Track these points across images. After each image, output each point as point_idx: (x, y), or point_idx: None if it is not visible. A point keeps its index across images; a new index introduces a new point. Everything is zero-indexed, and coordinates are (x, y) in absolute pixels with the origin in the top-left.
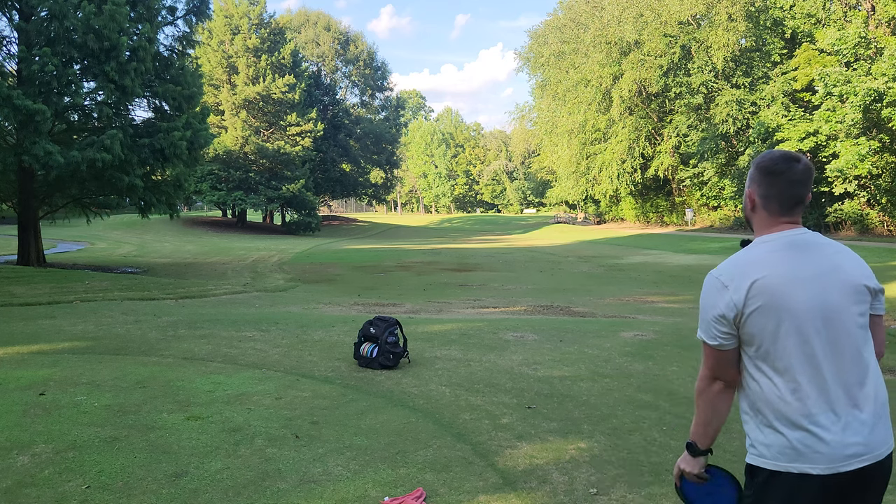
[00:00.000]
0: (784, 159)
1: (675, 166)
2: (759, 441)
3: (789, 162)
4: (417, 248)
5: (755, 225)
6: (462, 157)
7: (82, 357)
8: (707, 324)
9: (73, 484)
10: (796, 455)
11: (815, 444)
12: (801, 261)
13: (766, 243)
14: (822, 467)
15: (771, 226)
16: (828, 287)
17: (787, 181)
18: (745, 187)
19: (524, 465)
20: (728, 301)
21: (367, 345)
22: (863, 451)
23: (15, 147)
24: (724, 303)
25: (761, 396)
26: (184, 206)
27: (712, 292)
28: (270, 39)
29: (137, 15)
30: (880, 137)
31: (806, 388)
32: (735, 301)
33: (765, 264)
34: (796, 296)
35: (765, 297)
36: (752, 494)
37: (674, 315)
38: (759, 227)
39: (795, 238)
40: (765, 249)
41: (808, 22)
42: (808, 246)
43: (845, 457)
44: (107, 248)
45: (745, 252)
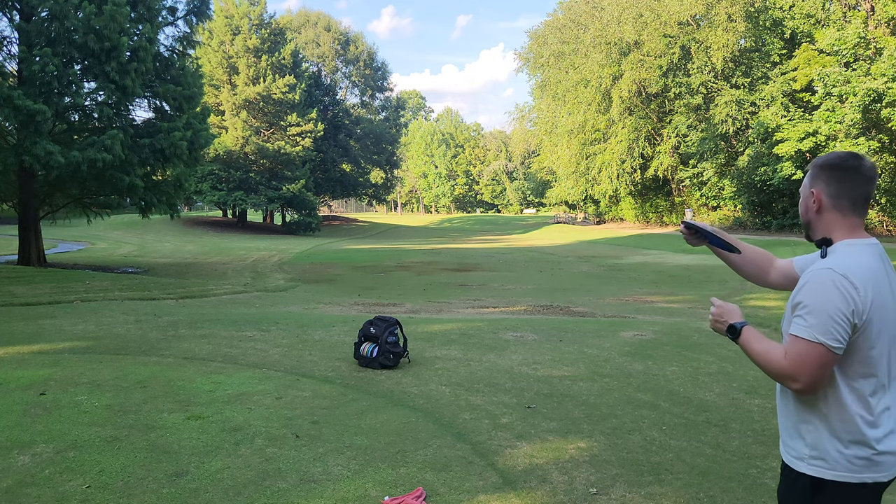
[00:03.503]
0: (852, 156)
1: (675, 166)
2: (834, 452)
3: (858, 159)
4: (417, 248)
5: (825, 226)
6: (462, 157)
7: (83, 357)
8: (833, 323)
9: (73, 483)
10: (871, 465)
11: (884, 455)
12: (887, 275)
13: (864, 250)
14: (886, 474)
15: (850, 228)
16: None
17: (860, 178)
18: (805, 188)
19: (524, 464)
20: (857, 304)
21: (368, 344)
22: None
23: (16, 147)
24: (854, 304)
25: (846, 408)
26: (184, 206)
27: (841, 290)
28: (271, 40)
29: (138, 15)
30: (879, 137)
31: (887, 403)
32: (863, 304)
33: (874, 274)
34: (888, 309)
35: (876, 309)
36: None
37: (673, 315)
38: (834, 230)
39: (879, 249)
40: (868, 258)
41: (807, 22)
42: (886, 259)
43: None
44: (107, 248)
45: (855, 255)
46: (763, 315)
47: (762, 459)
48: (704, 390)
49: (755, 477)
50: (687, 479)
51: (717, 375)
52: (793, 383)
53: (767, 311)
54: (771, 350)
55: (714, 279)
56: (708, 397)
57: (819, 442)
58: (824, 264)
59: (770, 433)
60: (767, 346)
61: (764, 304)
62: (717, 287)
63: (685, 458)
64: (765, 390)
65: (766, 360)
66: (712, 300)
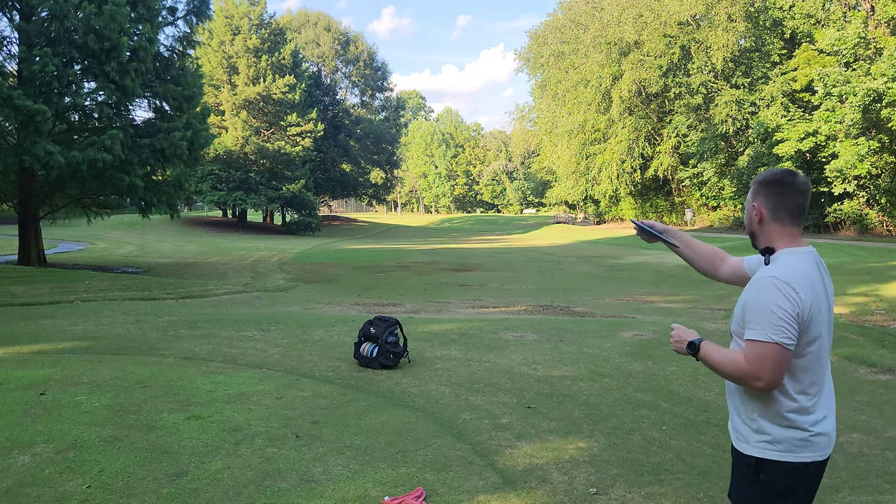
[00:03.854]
0: (787, 173)
1: (675, 166)
2: (776, 435)
3: (792, 175)
4: (417, 248)
5: (767, 237)
6: (462, 157)
7: (83, 357)
8: (783, 324)
9: (73, 483)
10: (808, 446)
11: (819, 436)
12: (822, 279)
13: (802, 258)
14: (821, 454)
15: (790, 237)
16: (830, 306)
17: (794, 192)
18: (749, 202)
19: (524, 464)
20: (800, 307)
21: (368, 344)
22: (835, 436)
23: (16, 147)
24: (798, 307)
25: (788, 398)
26: (184, 206)
27: (786, 295)
28: (271, 40)
29: (138, 15)
30: (879, 137)
31: (820, 388)
32: (803, 307)
33: (812, 279)
34: (824, 311)
35: (814, 309)
36: (769, 484)
37: (673, 315)
38: (775, 239)
39: (815, 256)
40: (805, 264)
41: (807, 22)
42: (822, 265)
43: (831, 443)
44: (107, 248)
45: (794, 263)
46: None
47: None
48: (704, 390)
49: None
50: (687, 479)
51: (717, 375)
52: (756, 382)
53: None
54: (731, 356)
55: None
56: (708, 397)
57: (763, 427)
58: (768, 272)
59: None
60: (727, 354)
61: None
62: (716, 287)
63: (685, 458)
64: None
65: (728, 365)
66: (672, 326)
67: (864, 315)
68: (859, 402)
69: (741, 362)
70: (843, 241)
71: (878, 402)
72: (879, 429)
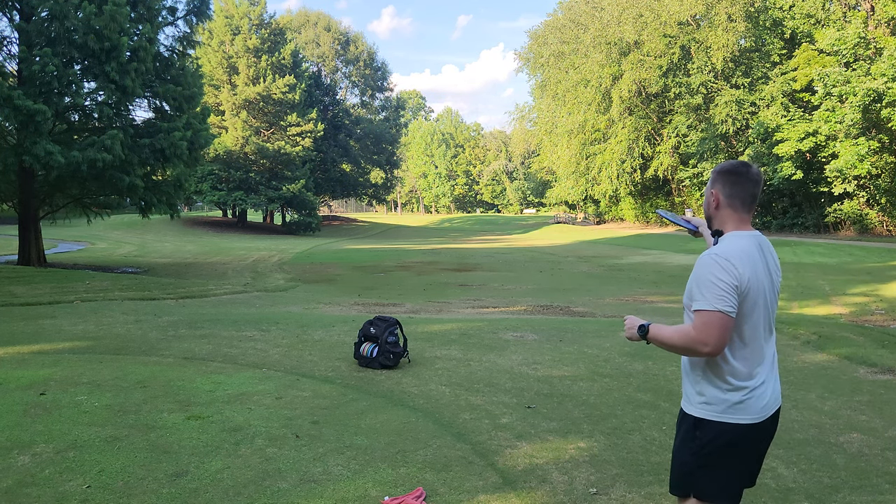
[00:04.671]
0: (742, 164)
1: (675, 166)
2: (715, 397)
3: (746, 166)
4: (417, 248)
5: (720, 220)
6: (462, 157)
7: (83, 357)
8: (724, 294)
9: (73, 483)
10: (743, 408)
11: (753, 400)
12: (765, 258)
13: (745, 238)
14: (754, 417)
15: (738, 222)
16: (773, 282)
17: (747, 181)
18: (708, 189)
19: (524, 464)
20: (738, 279)
21: (368, 344)
22: (773, 404)
23: (16, 147)
24: (737, 279)
25: (728, 363)
26: (184, 206)
27: (726, 269)
28: (271, 40)
29: (138, 15)
30: (879, 137)
31: (757, 357)
32: (741, 280)
33: (751, 256)
34: (763, 286)
35: (752, 283)
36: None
37: (673, 315)
38: (726, 223)
39: (759, 239)
40: (746, 244)
41: (807, 22)
42: (766, 246)
43: (764, 408)
44: (107, 248)
45: (736, 242)
46: None
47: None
48: None
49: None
50: None
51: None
52: (703, 347)
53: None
54: (679, 328)
55: None
56: None
57: (705, 389)
58: (710, 251)
59: None
60: (675, 328)
61: None
62: None
63: None
64: None
65: (678, 337)
66: (625, 317)
67: (864, 315)
68: (859, 402)
69: (690, 331)
70: (843, 241)
71: (878, 402)
72: (879, 429)
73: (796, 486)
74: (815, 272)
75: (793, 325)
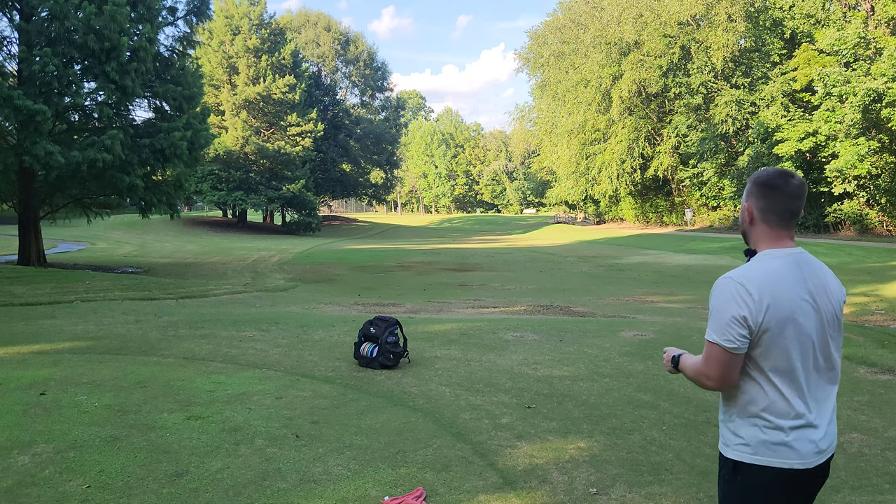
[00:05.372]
0: (780, 175)
1: (675, 166)
2: (752, 438)
3: (786, 177)
4: (417, 248)
5: (755, 237)
6: (462, 157)
7: (83, 357)
8: (726, 326)
9: (73, 483)
10: (786, 451)
11: (799, 442)
12: (804, 280)
13: (777, 259)
14: (802, 462)
15: (773, 240)
16: (821, 307)
17: (785, 195)
18: (743, 202)
19: (524, 464)
20: (751, 308)
21: (368, 344)
22: (826, 449)
23: (16, 147)
24: (747, 309)
25: (763, 400)
26: (184, 206)
27: (735, 297)
28: (271, 40)
29: (138, 15)
30: (879, 137)
31: (800, 393)
32: (757, 310)
33: (780, 280)
34: (797, 312)
35: (780, 310)
36: (743, 488)
37: (673, 315)
38: (760, 240)
39: (798, 257)
40: (778, 265)
41: (807, 22)
42: (808, 266)
43: (817, 453)
44: (107, 248)
45: (762, 264)
46: None
47: None
48: (704, 390)
49: None
50: (687, 479)
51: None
52: (707, 381)
53: None
54: (696, 359)
55: (714, 279)
56: (708, 397)
57: (740, 429)
58: (728, 273)
59: None
60: (693, 358)
61: None
62: None
63: (685, 458)
64: None
65: (691, 368)
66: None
67: (864, 315)
68: (859, 402)
69: (697, 362)
70: (843, 241)
71: (878, 402)
72: (879, 429)
73: None
74: None
75: None
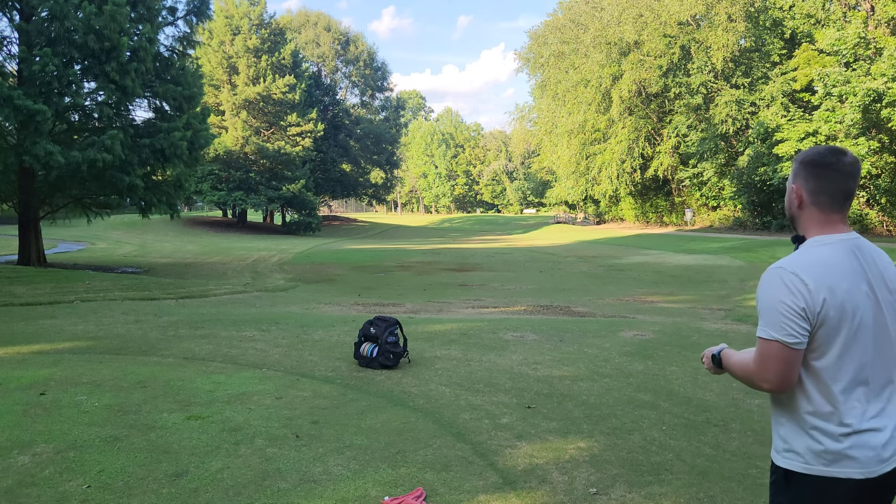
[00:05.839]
0: (832, 152)
1: (675, 166)
2: (803, 446)
3: (837, 154)
4: (417, 248)
5: (804, 222)
6: (462, 157)
7: (83, 357)
8: (784, 320)
9: (73, 483)
10: (842, 460)
11: (858, 449)
12: (862, 269)
13: (830, 245)
14: (862, 471)
15: (825, 224)
16: (880, 298)
17: (838, 174)
18: (789, 184)
19: (524, 464)
20: (808, 300)
21: (368, 344)
22: (891, 457)
23: (16, 147)
24: (803, 300)
25: (813, 404)
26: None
27: (791, 288)
28: (271, 40)
29: (138, 15)
30: (879, 138)
31: (855, 398)
32: (814, 302)
33: (835, 269)
34: (859, 304)
35: (836, 303)
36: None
37: (673, 315)
38: (810, 226)
39: (853, 243)
40: (831, 252)
41: (807, 22)
42: (864, 253)
43: (881, 461)
44: (107, 248)
45: (814, 251)
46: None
47: (762, 459)
48: (704, 390)
49: (755, 477)
50: (687, 479)
51: (718, 376)
52: (763, 383)
53: None
54: (744, 358)
55: (714, 279)
56: (708, 397)
57: (790, 435)
58: (778, 263)
59: (770, 433)
60: (741, 356)
61: None
62: (717, 287)
63: (685, 458)
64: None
65: (740, 368)
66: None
67: None
68: None
69: (749, 363)
70: None
71: None
72: None
73: None
74: None
75: None
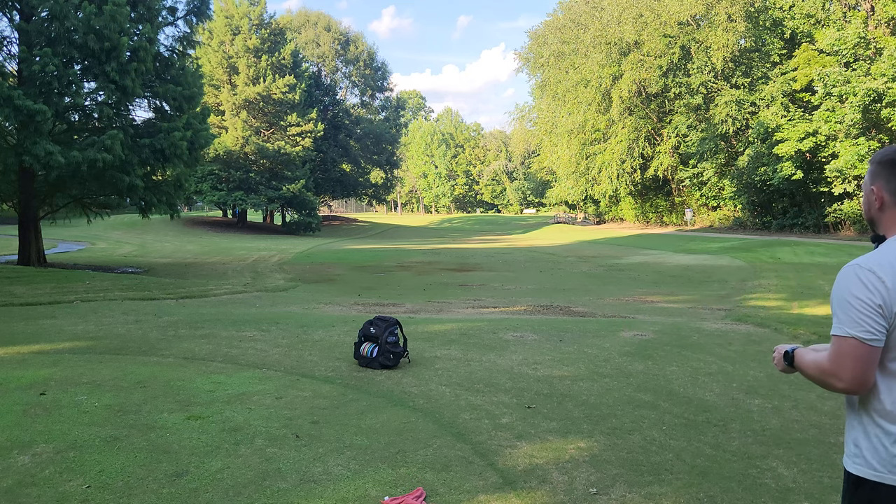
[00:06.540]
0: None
1: (675, 166)
2: (872, 451)
3: None
4: (417, 248)
5: (886, 223)
6: (462, 157)
7: (83, 357)
8: (862, 316)
9: (73, 483)
10: None
11: None
12: None
13: None
14: None
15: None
16: None
17: None
18: (867, 185)
19: (524, 464)
20: (885, 297)
21: (368, 344)
22: None
23: (16, 147)
24: (880, 297)
25: (884, 407)
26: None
27: (867, 284)
28: (271, 40)
29: (138, 15)
30: (879, 137)
31: None
32: (892, 298)
33: None
34: None
35: None
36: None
37: (673, 315)
38: (893, 225)
39: None
40: None
41: (807, 22)
42: None
43: None
44: (107, 248)
45: (892, 249)
46: (763, 315)
47: (762, 459)
48: (704, 390)
49: (755, 477)
50: (687, 479)
51: (717, 375)
52: (837, 382)
53: (767, 311)
54: (818, 356)
55: (714, 279)
56: (708, 397)
57: (859, 440)
58: (854, 261)
59: (770, 433)
60: (814, 355)
61: (764, 304)
62: (717, 287)
63: (685, 458)
64: (765, 390)
65: (813, 367)
66: (775, 347)
67: None
68: None
69: (823, 362)
70: (843, 241)
71: None
72: None
73: (796, 486)
74: (815, 272)
75: (793, 325)
